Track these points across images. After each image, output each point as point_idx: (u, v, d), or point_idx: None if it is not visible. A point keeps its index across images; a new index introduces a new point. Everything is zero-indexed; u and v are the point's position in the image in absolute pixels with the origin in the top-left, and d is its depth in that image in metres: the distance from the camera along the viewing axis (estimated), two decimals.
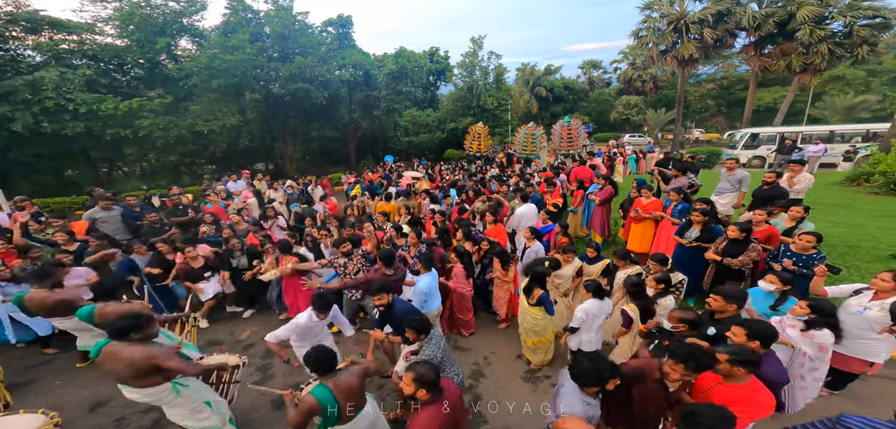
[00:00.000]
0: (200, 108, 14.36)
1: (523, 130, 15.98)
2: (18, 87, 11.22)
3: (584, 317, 3.09)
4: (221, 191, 8.99)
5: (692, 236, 4.14)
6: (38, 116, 11.53)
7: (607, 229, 6.35)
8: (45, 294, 3.17)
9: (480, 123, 19.93)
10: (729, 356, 1.97)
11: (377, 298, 3.03)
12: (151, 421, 3.26)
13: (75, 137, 12.72)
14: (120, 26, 14.44)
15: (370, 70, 19.36)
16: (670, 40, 18.12)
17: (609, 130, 35.44)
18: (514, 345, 4.37)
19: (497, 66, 27.73)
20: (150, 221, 6.02)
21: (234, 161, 18.35)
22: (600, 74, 42.64)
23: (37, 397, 3.64)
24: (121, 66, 15.25)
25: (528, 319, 3.56)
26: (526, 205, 5.84)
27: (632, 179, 6.79)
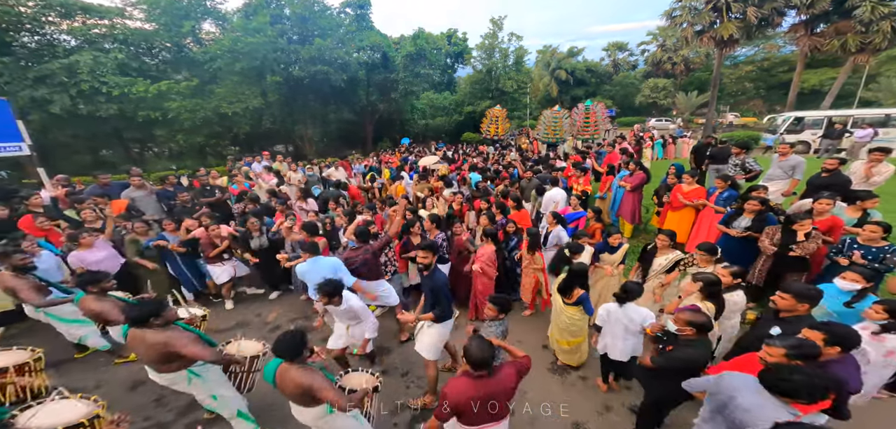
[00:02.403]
0: (224, 90, 14.65)
1: (548, 114, 15.41)
2: (55, 70, 11.73)
3: (606, 318, 2.92)
4: (246, 171, 9.16)
5: (742, 226, 3.84)
6: (75, 99, 12.07)
7: (638, 216, 6.07)
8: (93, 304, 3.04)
9: (498, 106, 19.40)
10: (785, 350, 1.82)
11: (422, 256, 2.99)
12: (189, 400, 3.26)
13: (109, 119, 13.28)
14: (148, 10, 14.76)
15: (388, 52, 19.11)
16: (708, 20, 16.83)
17: (634, 114, 33.80)
18: (540, 334, 4.28)
19: (517, 48, 26.76)
20: (181, 201, 6.20)
21: (256, 143, 18.73)
22: (626, 57, 40.46)
23: (81, 375, 3.68)
24: (149, 49, 15.64)
25: (563, 319, 3.35)
26: (555, 189, 5.68)
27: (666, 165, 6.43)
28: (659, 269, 3.57)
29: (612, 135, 16.69)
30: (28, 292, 3.26)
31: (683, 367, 2.18)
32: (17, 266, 3.26)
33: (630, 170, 5.82)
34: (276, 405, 3.21)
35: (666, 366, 2.28)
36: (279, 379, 2.13)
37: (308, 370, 2.11)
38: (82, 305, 3.01)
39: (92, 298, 2.99)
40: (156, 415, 3.20)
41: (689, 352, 2.20)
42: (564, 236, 4.49)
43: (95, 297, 3.00)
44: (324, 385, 2.08)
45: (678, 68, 32.36)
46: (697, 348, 2.20)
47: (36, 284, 3.33)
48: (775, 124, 15.54)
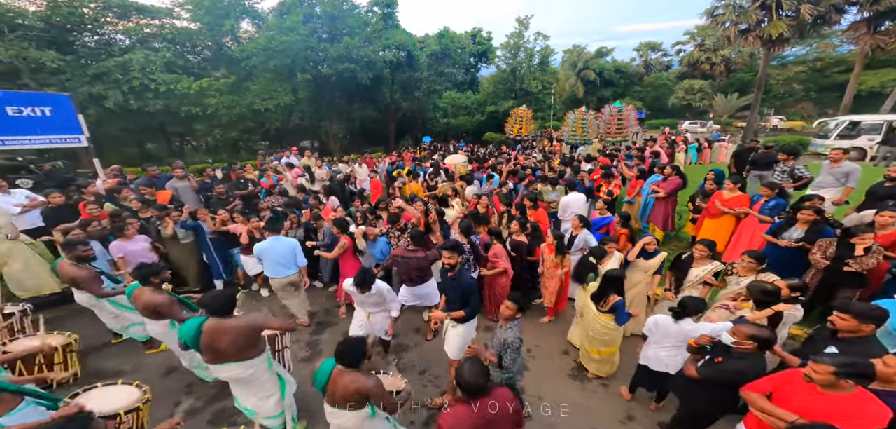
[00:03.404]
0: (258, 87, 15.36)
1: (573, 115, 15.00)
2: (111, 68, 12.76)
3: (653, 329, 2.78)
4: (278, 165, 9.57)
5: (794, 236, 3.57)
6: (127, 95, 13.04)
7: (671, 223, 5.77)
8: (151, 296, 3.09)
9: (524, 106, 19.13)
10: (835, 367, 1.68)
11: (447, 256, 2.96)
12: (217, 389, 3.44)
13: (155, 114, 14.27)
14: (193, 10, 15.69)
15: (413, 51, 19.30)
16: (755, 18, 15.68)
17: (665, 116, 32.22)
18: (559, 338, 4.19)
19: (543, 48, 26.24)
20: (217, 193, 6.58)
21: (285, 138, 19.50)
22: (659, 57, 38.66)
23: (118, 360, 3.81)
24: (193, 48, 16.61)
25: (596, 328, 3.22)
26: (573, 193, 5.53)
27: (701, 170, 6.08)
28: (695, 280, 3.38)
29: (641, 138, 15.99)
30: (89, 283, 3.41)
31: (732, 380, 2.06)
32: (79, 257, 3.43)
33: (665, 174, 5.54)
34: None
35: (712, 378, 2.16)
36: (333, 383, 2.12)
37: (367, 375, 2.14)
38: (139, 297, 3.03)
39: (150, 290, 3.03)
40: (186, 401, 3.33)
41: (742, 365, 2.08)
42: (592, 241, 4.37)
43: (153, 289, 3.05)
44: (380, 389, 2.10)
45: (717, 69, 30.51)
46: (752, 362, 2.08)
47: (95, 274, 3.50)
48: (826, 129, 14.30)
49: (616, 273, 3.19)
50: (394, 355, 3.95)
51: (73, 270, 3.37)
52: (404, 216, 5.03)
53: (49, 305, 4.36)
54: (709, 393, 2.20)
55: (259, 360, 2.61)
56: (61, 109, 5.37)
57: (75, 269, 3.37)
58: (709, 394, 2.19)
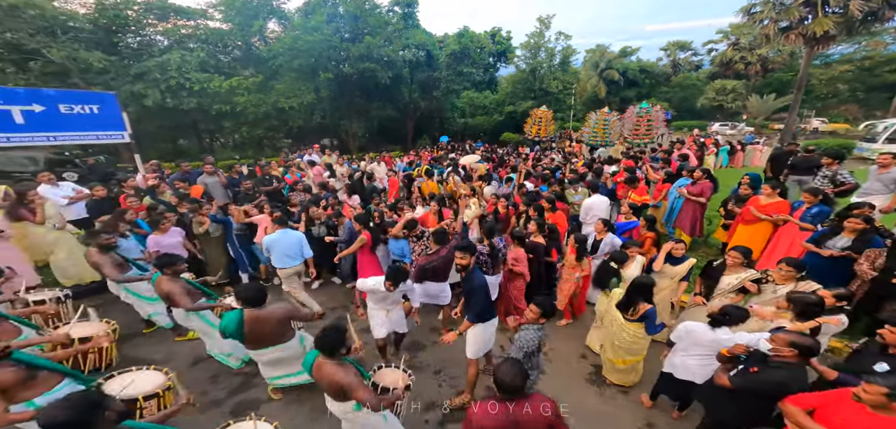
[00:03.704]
0: (283, 86, 15.90)
1: (595, 116, 14.64)
2: (151, 68, 13.58)
3: (683, 336, 2.67)
4: (300, 162, 9.89)
5: (839, 245, 3.36)
6: (164, 93, 13.83)
7: (699, 228, 5.53)
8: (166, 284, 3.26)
9: (544, 106, 18.86)
10: (889, 390, 1.58)
11: (460, 256, 2.95)
12: (241, 380, 3.55)
13: (189, 111, 15.07)
14: (225, 11, 16.45)
15: (432, 50, 19.41)
16: (797, 15, 14.68)
17: (694, 117, 30.86)
18: (576, 342, 4.13)
19: (565, 47, 25.69)
20: (244, 188, 6.87)
21: (307, 136, 20.10)
22: (688, 57, 37.03)
23: (150, 348, 3.95)
24: (224, 47, 17.43)
25: (623, 337, 3.13)
26: (596, 196, 5.43)
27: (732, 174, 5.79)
28: (727, 288, 3.24)
29: (667, 139, 15.38)
30: (110, 268, 3.62)
31: (771, 392, 1.99)
32: (102, 245, 3.65)
33: (694, 178, 5.31)
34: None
35: (746, 388, 2.08)
36: (316, 371, 2.20)
37: (343, 367, 2.15)
38: (157, 285, 3.25)
39: (166, 279, 3.22)
40: (210, 391, 3.42)
41: (782, 376, 1.99)
42: (617, 243, 4.26)
43: (169, 278, 3.23)
44: (356, 384, 2.09)
45: (752, 69, 28.88)
46: (793, 372, 1.99)
47: (117, 261, 3.70)
48: (874, 132, 13.27)
49: (646, 280, 3.08)
50: (405, 351, 4.00)
51: (97, 256, 3.58)
52: (421, 220, 5.08)
53: (89, 293, 4.63)
54: (740, 403, 2.11)
55: (293, 341, 2.99)
56: (107, 107, 5.78)
57: (99, 256, 3.59)
58: (740, 404, 2.11)
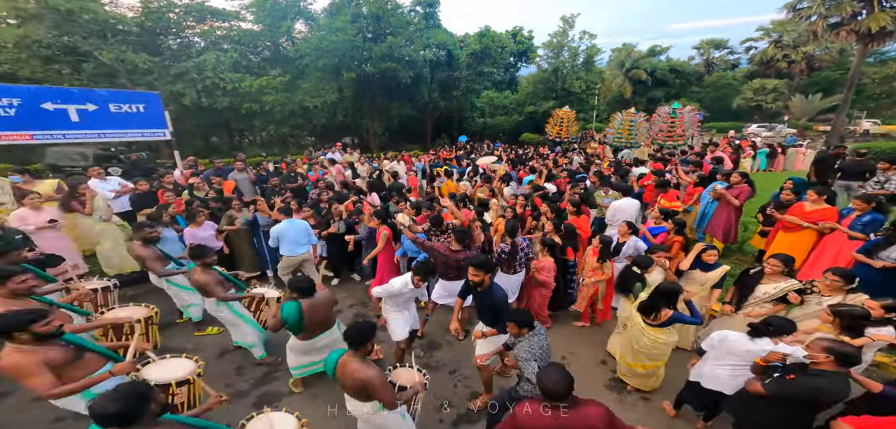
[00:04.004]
0: (308, 85, 16.39)
1: (620, 116, 14.15)
2: (189, 68, 14.38)
3: (716, 345, 2.58)
4: (324, 160, 10.19)
5: (893, 257, 3.10)
6: (200, 93, 14.61)
7: (734, 235, 5.25)
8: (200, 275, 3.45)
9: (566, 107, 18.43)
10: None
11: (473, 273, 2.88)
12: (264, 371, 3.70)
13: (222, 110, 15.84)
14: (256, 12, 17.11)
15: (453, 50, 19.40)
16: (849, 11, 13.56)
17: (728, 118, 29.20)
18: (595, 348, 4.06)
19: (589, 46, 24.95)
20: (271, 185, 7.18)
21: (329, 135, 20.65)
22: (724, 55, 35.02)
23: (182, 338, 4.16)
24: (254, 48, 18.13)
25: (642, 341, 3.06)
26: (625, 199, 5.31)
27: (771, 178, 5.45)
28: (763, 297, 3.12)
29: (698, 141, 14.60)
30: (152, 262, 3.83)
31: (810, 398, 1.96)
32: (146, 238, 3.87)
33: (732, 181, 5.04)
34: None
35: (782, 395, 2.04)
36: (339, 370, 2.21)
37: (368, 365, 2.18)
38: (191, 275, 3.44)
39: (199, 269, 3.39)
40: (235, 383, 3.56)
41: (821, 383, 1.94)
42: (643, 248, 4.14)
43: (202, 269, 3.40)
44: (380, 382, 2.12)
45: (797, 67, 26.93)
46: (832, 380, 1.93)
47: (159, 254, 3.92)
48: None
49: (671, 286, 2.99)
50: (420, 349, 4.02)
51: (141, 249, 3.80)
52: (445, 216, 5.11)
53: (131, 283, 4.97)
54: (776, 412, 2.07)
55: (334, 327, 3.28)
56: (151, 106, 6.21)
57: (143, 249, 3.80)
58: (776, 413, 2.07)
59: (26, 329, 2.04)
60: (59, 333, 2.18)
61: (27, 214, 4.37)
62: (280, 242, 4.59)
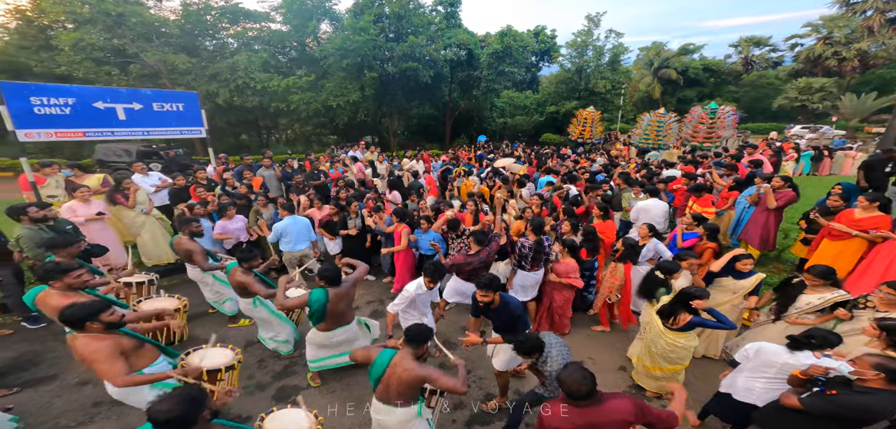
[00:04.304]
0: (332, 85, 16.82)
1: (648, 117, 13.61)
2: (222, 69, 15.18)
3: (751, 357, 2.47)
4: (346, 158, 10.44)
5: None
6: (232, 92, 15.37)
7: (772, 242, 4.93)
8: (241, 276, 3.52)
9: (591, 107, 17.92)
10: None
11: (482, 295, 2.79)
12: (285, 364, 3.82)
13: (251, 109, 16.60)
14: (285, 14, 17.73)
15: (474, 50, 19.26)
16: None
17: (768, 119, 27.38)
18: (615, 352, 4.01)
19: (616, 45, 24.06)
20: (296, 182, 7.43)
21: (350, 133, 21.12)
22: (764, 53, 32.83)
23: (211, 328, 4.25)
24: (282, 48, 18.81)
25: (659, 344, 3.02)
26: (652, 200, 5.17)
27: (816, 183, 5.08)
28: (806, 308, 2.97)
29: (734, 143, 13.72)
30: (199, 256, 3.95)
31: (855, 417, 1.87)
32: (193, 232, 4.04)
33: (774, 186, 4.74)
34: None
35: (823, 412, 1.96)
36: (390, 370, 2.18)
37: (422, 364, 2.21)
38: (231, 275, 3.50)
39: (241, 271, 3.48)
40: (257, 375, 3.68)
41: (867, 400, 1.86)
42: (665, 252, 4.02)
43: (243, 271, 3.48)
44: (436, 374, 2.17)
45: (848, 65, 24.85)
46: (880, 398, 1.84)
47: (203, 249, 4.09)
48: None
49: (696, 291, 2.87)
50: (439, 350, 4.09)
51: (189, 244, 3.95)
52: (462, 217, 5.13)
53: (167, 273, 5.26)
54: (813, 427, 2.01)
55: (353, 323, 3.31)
56: (190, 105, 6.60)
57: (190, 243, 3.95)
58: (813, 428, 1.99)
59: (97, 318, 2.17)
60: (121, 323, 2.32)
61: (77, 206, 4.74)
62: (281, 237, 4.77)
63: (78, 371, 3.60)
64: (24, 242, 3.87)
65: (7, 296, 4.24)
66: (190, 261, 4.10)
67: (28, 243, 3.85)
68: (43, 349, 3.95)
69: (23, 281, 4.27)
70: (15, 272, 4.12)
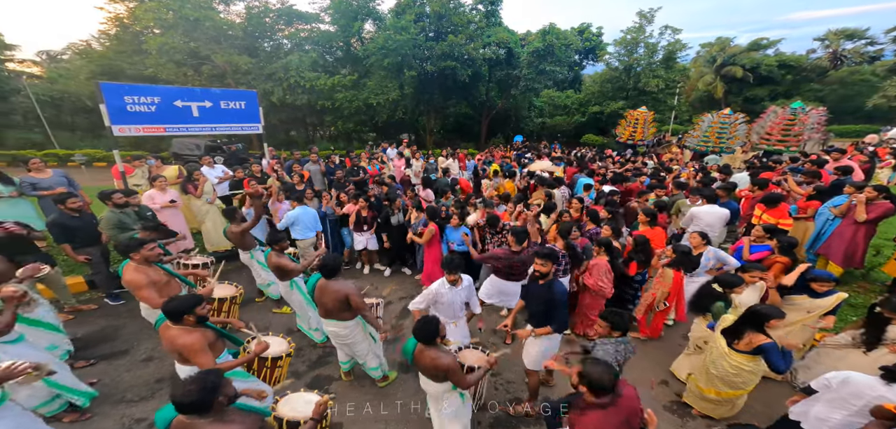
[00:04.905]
0: (373, 83, 17.39)
1: (709, 118, 12.47)
2: (277, 68, 16.39)
3: (835, 387, 2.21)
4: (383, 156, 10.79)
5: None
6: (285, 91, 16.49)
7: (859, 259, 4.34)
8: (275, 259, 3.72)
9: (643, 107, 16.81)
10: None
11: (540, 264, 2.83)
12: (319, 354, 4.02)
13: (300, 107, 17.72)
14: (332, 14, 18.58)
15: (514, 48, 18.82)
16: None
17: (860, 120, 23.59)
18: (655, 365, 3.78)
19: (672, 42, 22.06)
20: (338, 178, 7.84)
21: (388, 131, 21.73)
22: (859, 47, 28.32)
23: (258, 315, 4.58)
24: (329, 48, 19.72)
25: (722, 366, 2.76)
26: (710, 206, 4.79)
27: None
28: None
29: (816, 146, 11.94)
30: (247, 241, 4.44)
31: None
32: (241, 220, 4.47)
33: (867, 197, 4.19)
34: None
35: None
36: (418, 355, 2.44)
37: (444, 353, 2.39)
38: (269, 258, 3.74)
39: (275, 253, 3.69)
40: (294, 363, 3.78)
41: None
42: (730, 261, 3.72)
43: (278, 253, 3.70)
44: (455, 367, 2.35)
45: None
46: None
47: (252, 237, 4.52)
48: None
49: (768, 310, 2.59)
50: None
51: (238, 230, 4.40)
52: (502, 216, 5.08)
53: (225, 259, 5.57)
54: None
55: (352, 324, 3.11)
56: (250, 103, 7.23)
57: (239, 229, 4.40)
58: None
59: (192, 312, 2.34)
60: (207, 317, 2.48)
61: (155, 194, 5.40)
62: (293, 225, 5.08)
63: (146, 347, 4.02)
64: (104, 223, 4.43)
65: (95, 273, 4.71)
66: (241, 247, 4.51)
67: (107, 225, 4.42)
68: (119, 325, 4.42)
69: (108, 261, 4.80)
70: (102, 252, 4.57)
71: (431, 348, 2.37)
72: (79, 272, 5.09)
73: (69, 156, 14.80)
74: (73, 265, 4.98)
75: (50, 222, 4.26)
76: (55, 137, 18.00)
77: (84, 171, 13.19)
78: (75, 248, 4.27)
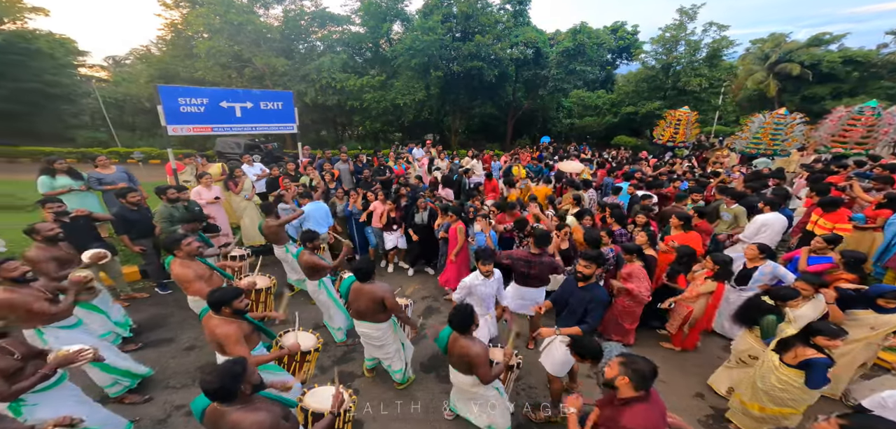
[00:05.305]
0: (400, 84, 17.64)
1: (761, 118, 11.55)
2: (310, 70, 17.08)
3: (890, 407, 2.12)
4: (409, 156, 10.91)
5: None
6: (317, 92, 17.14)
7: None
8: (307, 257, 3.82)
9: (685, 107, 15.86)
10: None
11: (584, 265, 2.87)
12: (342, 352, 4.08)
13: (330, 107, 18.35)
14: (362, 16, 19.02)
15: (542, 48, 18.34)
16: None
17: None
18: (691, 377, 3.62)
19: (717, 38, 20.51)
20: (365, 176, 8.03)
21: (414, 131, 21.98)
22: None
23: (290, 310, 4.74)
24: (359, 49, 20.20)
25: (769, 380, 2.63)
26: (773, 213, 4.41)
27: None
28: None
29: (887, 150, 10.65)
30: (281, 236, 4.68)
31: None
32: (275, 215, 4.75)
33: None
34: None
35: None
36: (451, 344, 2.54)
37: (474, 342, 2.46)
38: (300, 257, 3.80)
39: (307, 253, 3.79)
40: (319, 358, 3.80)
41: None
42: (787, 277, 3.46)
43: (310, 252, 3.80)
44: (483, 359, 2.41)
45: None
46: None
47: (286, 232, 4.74)
48: None
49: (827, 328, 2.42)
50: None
51: (273, 225, 4.62)
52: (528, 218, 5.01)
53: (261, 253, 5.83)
54: None
55: (385, 326, 3.18)
56: (286, 104, 7.60)
57: (274, 224, 4.61)
58: None
59: (231, 304, 2.42)
60: (246, 310, 2.54)
61: (202, 190, 5.78)
62: (306, 220, 5.17)
63: (190, 336, 4.27)
64: (158, 217, 4.78)
65: (148, 263, 5.02)
66: (275, 242, 4.73)
67: (159, 218, 4.76)
68: (167, 313, 4.73)
69: (160, 253, 4.97)
70: (155, 244, 4.86)
71: (465, 335, 2.46)
72: (133, 262, 5.55)
73: (129, 153, 16.30)
74: (129, 255, 5.45)
75: (113, 214, 4.68)
76: (117, 136, 19.93)
77: (141, 167, 14.48)
78: (132, 239, 4.65)
